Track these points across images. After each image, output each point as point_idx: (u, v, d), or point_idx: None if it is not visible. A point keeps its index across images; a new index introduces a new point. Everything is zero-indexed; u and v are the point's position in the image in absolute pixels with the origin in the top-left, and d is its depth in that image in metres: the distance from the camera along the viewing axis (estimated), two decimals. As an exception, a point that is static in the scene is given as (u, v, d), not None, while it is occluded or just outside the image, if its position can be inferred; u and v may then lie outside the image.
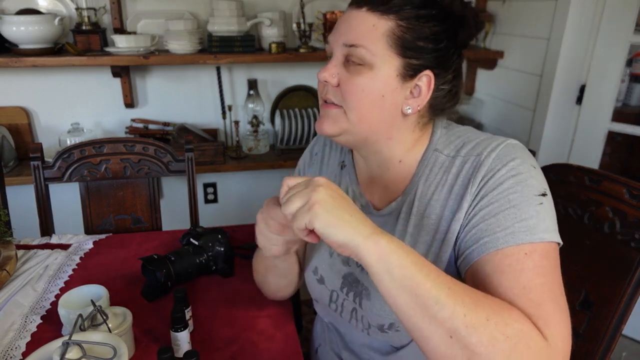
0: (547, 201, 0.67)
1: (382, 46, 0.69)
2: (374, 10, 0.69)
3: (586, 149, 1.91)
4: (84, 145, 1.35)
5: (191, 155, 1.38)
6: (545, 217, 0.65)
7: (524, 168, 0.68)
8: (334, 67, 0.73)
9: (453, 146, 0.75)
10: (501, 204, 0.66)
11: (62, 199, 1.69)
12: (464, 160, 0.72)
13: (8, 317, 0.92)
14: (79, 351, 0.70)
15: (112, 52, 1.89)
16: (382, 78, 0.70)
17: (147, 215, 1.42)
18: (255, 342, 0.88)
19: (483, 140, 0.73)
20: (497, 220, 0.65)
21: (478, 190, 0.68)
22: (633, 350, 1.88)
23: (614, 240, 0.86)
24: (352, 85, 0.71)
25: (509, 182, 0.67)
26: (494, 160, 0.69)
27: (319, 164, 0.95)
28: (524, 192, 0.66)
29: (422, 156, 0.77)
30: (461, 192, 0.70)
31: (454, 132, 0.79)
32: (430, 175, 0.75)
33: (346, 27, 0.71)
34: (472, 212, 0.68)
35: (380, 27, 0.69)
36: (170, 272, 1.00)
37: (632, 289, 0.82)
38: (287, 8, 2.15)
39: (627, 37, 1.72)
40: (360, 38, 0.69)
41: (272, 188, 2.44)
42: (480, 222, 0.67)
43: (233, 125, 2.18)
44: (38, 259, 1.12)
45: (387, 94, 0.71)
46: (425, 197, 0.75)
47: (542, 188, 0.67)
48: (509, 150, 0.70)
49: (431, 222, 0.73)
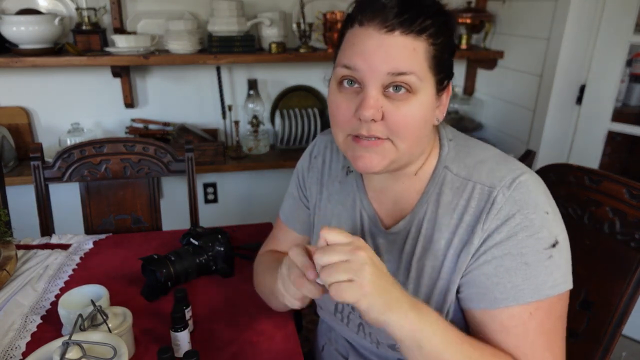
0: (557, 251, 0.67)
1: (424, 69, 0.66)
2: (407, 33, 0.65)
3: (586, 149, 1.91)
4: (84, 145, 1.35)
5: (191, 155, 1.38)
6: (553, 270, 0.66)
7: (537, 217, 0.67)
8: (376, 101, 0.66)
9: (463, 165, 0.74)
10: (513, 258, 0.66)
11: (62, 199, 1.69)
12: (476, 187, 0.71)
13: (8, 317, 0.92)
14: (79, 351, 0.70)
15: (112, 52, 1.89)
16: (426, 101, 0.68)
17: (147, 215, 1.42)
18: (255, 342, 0.88)
19: (496, 166, 0.72)
20: (508, 276, 0.67)
21: (490, 233, 0.68)
22: (633, 350, 1.88)
23: (614, 240, 0.85)
24: (401, 116, 0.67)
25: (522, 235, 0.66)
26: (508, 202, 0.67)
27: (319, 168, 0.92)
28: (536, 246, 0.66)
29: (432, 173, 0.76)
30: (472, 224, 0.69)
31: (462, 146, 0.77)
32: (441, 196, 0.74)
33: (384, 55, 0.65)
34: (482, 252, 0.68)
35: (419, 50, 0.66)
36: (170, 272, 1.00)
37: (632, 289, 0.82)
38: (287, 8, 2.15)
39: (627, 37, 1.72)
40: (408, 65, 0.65)
41: (272, 188, 2.44)
42: (492, 271, 0.68)
43: (233, 125, 2.18)
44: (38, 259, 1.12)
45: (428, 114, 0.70)
46: (434, 219, 0.73)
47: (554, 237, 0.67)
48: (524, 192, 0.68)
49: (440, 248, 0.72)
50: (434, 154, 0.77)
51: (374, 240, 0.81)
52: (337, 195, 0.87)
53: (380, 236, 0.80)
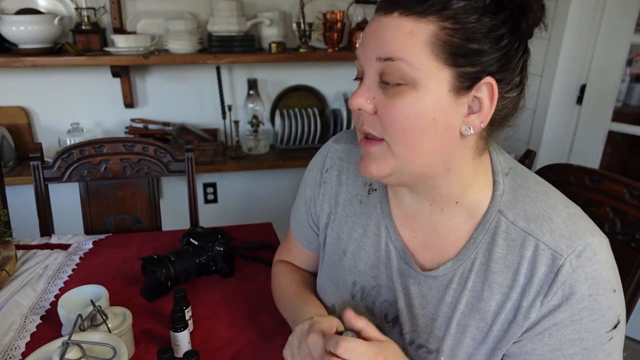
0: (618, 331, 0.61)
1: (425, 57, 0.54)
2: (408, 14, 0.55)
3: (586, 149, 1.91)
4: (83, 145, 1.35)
5: (191, 155, 1.38)
6: (612, 352, 0.61)
7: (605, 299, 0.59)
8: (367, 89, 0.59)
9: (522, 212, 0.62)
10: (573, 343, 0.60)
11: (62, 199, 1.69)
12: (538, 246, 0.60)
13: (8, 317, 0.91)
14: (79, 351, 0.69)
15: (112, 52, 1.89)
16: (431, 97, 0.56)
17: (147, 215, 1.42)
18: (255, 342, 0.88)
19: (562, 222, 0.61)
20: (564, 358, 0.60)
21: (552, 310, 0.59)
22: (633, 350, 1.88)
23: (614, 240, 0.85)
24: (393, 110, 0.57)
25: (588, 319, 0.59)
26: (576, 276, 0.58)
27: (334, 183, 0.79)
28: (599, 330, 0.59)
29: (483, 215, 0.64)
30: (529, 292, 0.60)
31: (520, 186, 0.65)
32: (493, 247, 0.63)
33: (377, 38, 0.57)
34: (539, 330, 0.61)
35: (419, 34, 0.54)
36: (170, 272, 1.00)
37: (632, 289, 0.82)
38: (287, 8, 2.15)
39: (627, 37, 1.72)
40: (397, 49, 0.55)
41: (272, 188, 2.44)
42: (547, 354, 0.61)
43: (233, 125, 2.18)
44: (38, 259, 1.12)
45: (439, 116, 0.56)
46: (484, 273, 0.63)
47: (617, 318, 0.61)
48: (595, 267, 0.59)
49: (490, 310, 0.63)
50: (484, 187, 0.65)
51: (404, 280, 0.70)
52: (357, 218, 0.75)
53: (412, 277, 0.69)
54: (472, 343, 0.65)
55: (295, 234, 0.90)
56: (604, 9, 1.75)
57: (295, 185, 2.51)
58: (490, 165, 0.66)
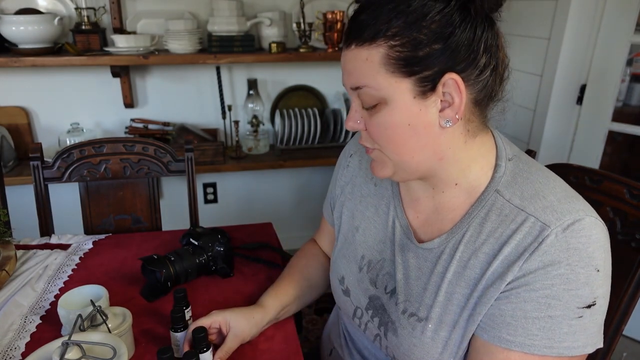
0: (591, 313, 0.60)
1: (383, 77, 0.62)
2: (361, 44, 0.62)
3: (586, 149, 1.91)
4: (83, 145, 1.35)
5: (191, 155, 1.38)
6: (577, 330, 0.60)
7: (584, 273, 0.59)
8: (355, 112, 0.68)
9: (519, 192, 0.65)
10: (539, 307, 0.60)
11: (62, 199, 1.69)
12: (528, 219, 0.62)
13: (7, 317, 0.91)
14: (79, 351, 0.69)
15: (112, 52, 1.89)
16: (399, 108, 0.63)
17: (147, 215, 1.42)
18: (255, 342, 0.88)
19: (557, 201, 0.63)
20: (525, 322, 0.61)
21: (526, 273, 0.61)
22: (633, 351, 1.88)
23: (614, 240, 0.85)
24: (375, 126, 0.66)
25: (560, 287, 0.59)
26: (558, 246, 0.59)
27: (355, 167, 0.89)
28: (569, 302, 0.59)
29: (480, 194, 0.68)
30: (511, 258, 0.62)
31: (522, 170, 0.68)
32: (486, 221, 0.66)
33: (346, 71, 0.67)
34: (509, 289, 0.62)
35: (374, 59, 0.62)
36: (170, 272, 0.99)
37: (632, 289, 0.82)
38: (287, 8, 2.15)
39: (627, 37, 1.72)
40: (360, 77, 0.64)
41: (272, 188, 2.44)
42: (509, 311, 0.62)
43: (233, 125, 2.18)
44: (37, 259, 1.12)
45: (412, 121, 0.63)
46: (473, 244, 0.67)
47: (593, 298, 0.60)
48: (581, 240, 0.59)
49: (473, 276, 0.66)
50: (484, 169, 0.69)
51: (404, 253, 0.76)
52: (371, 198, 0.84)
53: (411, 250, 0.75)
54: (457, 310, 0.68)
55: (325, 212, 1.00)
56: (604, 9, 1.75)
57: (295, 185, 2.51)
58: (495, 150, 0.71)
